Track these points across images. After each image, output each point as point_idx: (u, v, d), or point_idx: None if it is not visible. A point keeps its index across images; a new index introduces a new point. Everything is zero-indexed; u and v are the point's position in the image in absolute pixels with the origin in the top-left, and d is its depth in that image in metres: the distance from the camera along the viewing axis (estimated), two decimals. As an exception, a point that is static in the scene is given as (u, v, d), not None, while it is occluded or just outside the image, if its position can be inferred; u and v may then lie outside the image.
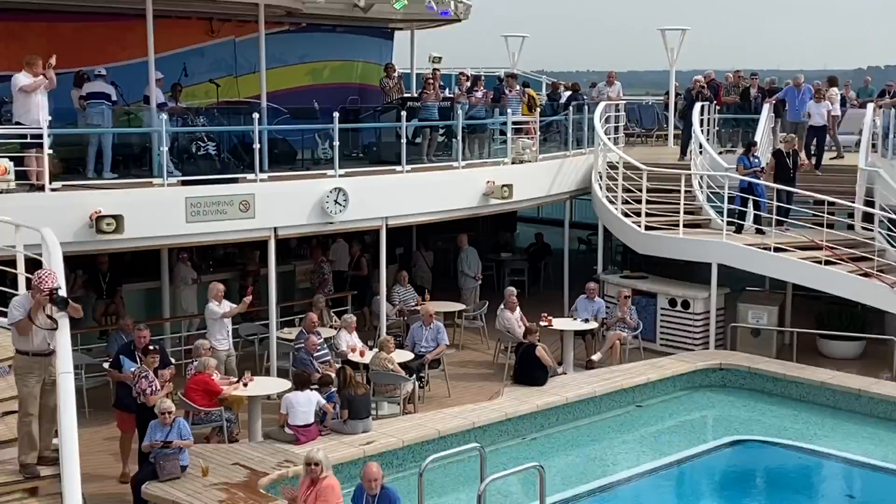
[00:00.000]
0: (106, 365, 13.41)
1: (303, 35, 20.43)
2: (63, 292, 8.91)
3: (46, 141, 12.13)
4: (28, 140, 12.30)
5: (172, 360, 12.43)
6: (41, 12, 16.38)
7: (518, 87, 19.78)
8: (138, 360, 11.80)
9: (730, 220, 16.93)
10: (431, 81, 17.95)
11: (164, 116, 13.40)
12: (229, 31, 19.01)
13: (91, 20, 16.98)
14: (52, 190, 12.38)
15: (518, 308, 16.25)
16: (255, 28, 16.53)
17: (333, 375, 13.02)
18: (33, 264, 10.18)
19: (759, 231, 17.17)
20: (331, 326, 15.73)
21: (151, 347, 11.62)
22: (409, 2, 16.70)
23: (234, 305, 13.98)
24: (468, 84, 19.44)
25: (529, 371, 14.40)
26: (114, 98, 14.23)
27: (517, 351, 14.78)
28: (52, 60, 12.29)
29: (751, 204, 17.18)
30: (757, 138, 18.90)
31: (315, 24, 20.39)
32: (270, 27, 18.55)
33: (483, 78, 19.91)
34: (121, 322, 14.23)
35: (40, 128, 12.17)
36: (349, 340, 14.68)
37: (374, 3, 18.70)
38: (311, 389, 12.31)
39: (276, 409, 12.56)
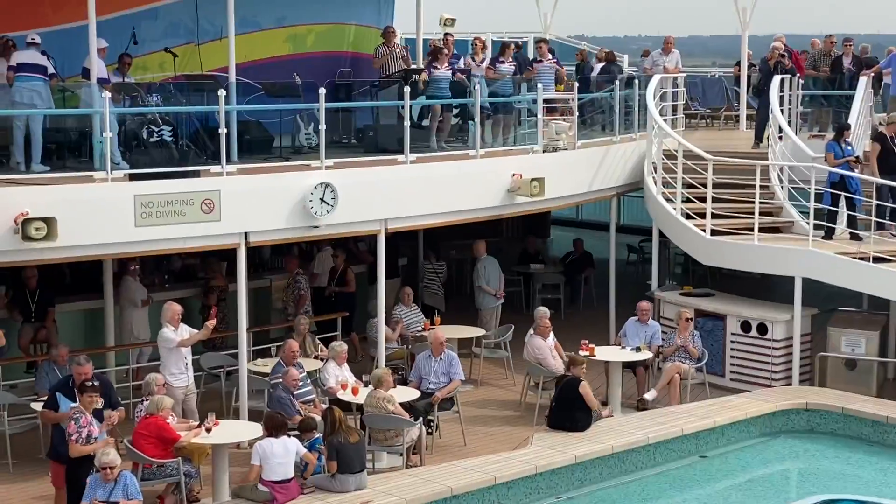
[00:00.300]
0: (37, 406, 13.45)
1: (281, -8, 20.50)
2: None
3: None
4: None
5: (120, 400, 12.48)
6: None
7: (550, 56, 19.82)
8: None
9: (818, 222, 16.88)
10: (443, 49, 17.99)
11: (108, 94, 13.45)
12: (190, -14, 19.06)
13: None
14: (-32, 186, 12.44)
15: (552, 334, 16.23)
16: (221, -17, 16.57)
17: (319, 418, 13.02)
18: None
19: (854, 237, 17.12)
20: (316, 357, 15.76)
21: (89, 383, 11.64)
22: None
23: (195, 331, 14.01)
24: (484, 53, 19.44)
25: (570, 412, 14.39)
26: (51, 71, 14.28)
27: (557, 384, 14.78)
28: None
29: (843, 202, 17.11)
30: (851, 120, 18.85)
31: (297, -23, 20.46)
32: (241, -18, 18.61)
33: (513, 45, 19.91)
34: (53, 352, 14.27)
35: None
36: (339, 375, 14.69)
37: (371, -49, 18.78)
38: (289, 436, 12.31)
39: (247, 460, 12.56)
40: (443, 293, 19.89)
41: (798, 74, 21.32)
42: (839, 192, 17.09)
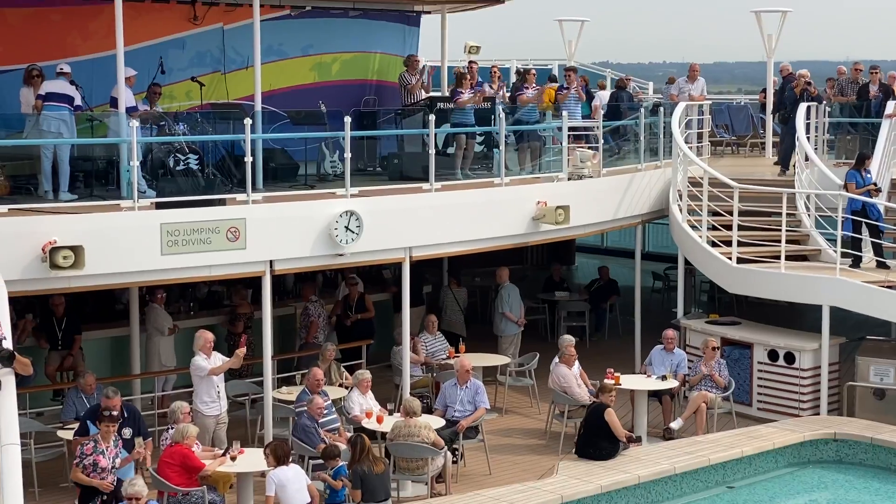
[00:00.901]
0: (63, 433, 13.49)
1: (307, 21, 20.63)
2: (8, 344, 8.98)
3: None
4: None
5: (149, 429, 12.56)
6: (-17, -4, 16.64)
7: (577, 83, 19.84)
8: None
9: (845, 250, 16.80)
10: (466, 75, 18.03)
11: (136, 123, 13.53)
12: (216, 17, 19.23)
13: (45, 4, 17.23)
14: (-4, 215, 12.51)
15: (577, 362, 16.19)
16: (247, 13, 16.70)
17: (343, 446, 12.99)
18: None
19: (881, 265, 17.02)
20: (340, 385, 15.74)
21: (107, 413, 11.73)
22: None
23: (226, 359, 14.03)
24: (501, 81, 19.49)
25: (595, 438, 14.32)
26: (78, 102, 14.37)
27: (587, 410, 14.71)
28: None
29: (866, 230, 17.04)
30: (878, 147, 18.77)
31: (322, 7, 20.60)
32: (266, 12, 18.78)
33: (535, 72, 19.97)
34: (80, 380, 14.31)
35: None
36: (363, 403, 14.66)
37: (396, -19, 18.87)
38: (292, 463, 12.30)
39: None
40: (462, 319, 19.85)
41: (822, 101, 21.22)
42: (861, 220, 17.01)
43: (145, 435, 12.46)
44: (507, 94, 19.48)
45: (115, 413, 11.97)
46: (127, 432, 12.51)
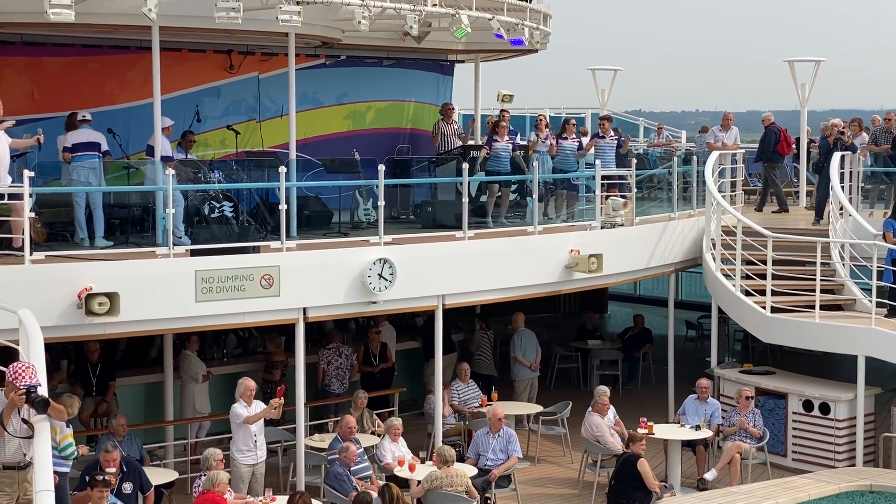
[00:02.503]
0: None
1: (341, 70, 20.79)
2: (43, 390, 9.01)
3: (28, 201, 12.38)
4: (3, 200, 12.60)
5: (152, 483, 12.44)
6: (23, 44, 16.88)
7: (613, 133, 19.88)
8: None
9: (881, 300, 16.68)
10: (501, 122, 18.10)
11: (171, 171, 13.65)
12: (251, 66, 19.41)
13: (84, 54, 17.45)
14: (33, 262, 12.60)
15: (612, 410, 16.10)
16: (282, 62, 16.87)
17: (375, 495, 12.95)
18: (6, 354, 10.31)
19: (917, 315, 16.89)
20: (372, 432, 15.71)
21: (100, 478, 10.99)
22: (472, 29, 16.91)
23: (264, 406, 14.04)
24: (548, 130, 19.52)
25: (627, 489, 14.20)
26: (104, 148, 14.50)
27: (619, 460, 14.61)
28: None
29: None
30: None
31: (356, 56, 20.76)
32: (302, 61, 18.94)
33: (573, 121, 20.02)
34: (112, 423, 14.36)
35: (18, 185, 12.46)
36: (395, 450, 14.63)
37: (430, 31, 19.00)
38: None
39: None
40: (492, 362, 19.80)
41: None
42: (900, 270, 16.90)
43: (146, 487, 12.24)
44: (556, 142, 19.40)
45: (108, 477, 11.31)
46: (128, 487, 12.18)
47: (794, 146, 22.91)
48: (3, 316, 10.95)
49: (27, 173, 12.42)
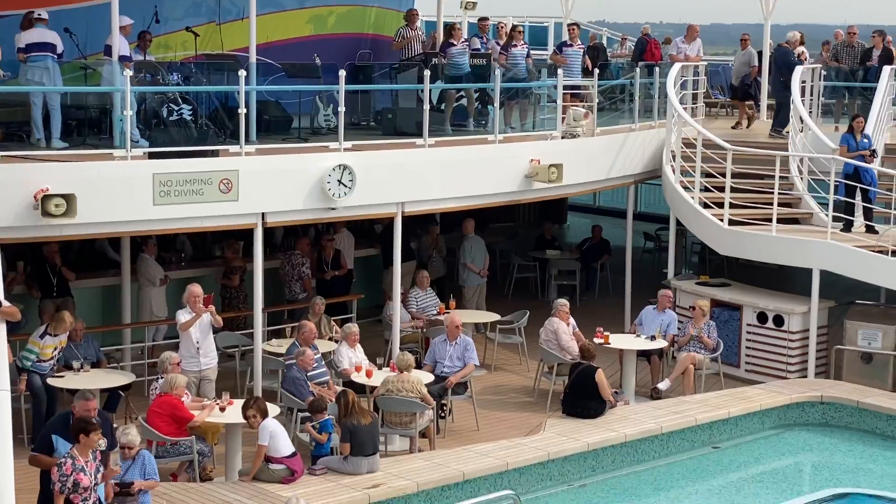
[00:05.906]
0: (54, 382, 13.51)
1: (303, -28, 20.48)
2: (-2, 291, 8.98)
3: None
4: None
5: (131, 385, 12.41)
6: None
7: (580, 42, 19.74)
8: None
9: (837, 214, 16.82)
10: (455, 24, 17.94)
11: (129, 72, 13.46)
12: (212, -35, 19.07)
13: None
14: (-13, 162, 12.46)
15: (572, 319, 16.21)
16: (244, -37, 16.57)
17: (330, 400, 13.05)
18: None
19: (870, 229, 17.06)
20: (330, 338, 15.78)
21: (95, 420, 10.29)
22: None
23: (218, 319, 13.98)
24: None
25: (584, 399, 14.39)
26: (60, 49, 14.24)
27: (571, 373, 14.77)
28: None
29: (859, 195, 17.07)
30: (873, 112, 18.75)
31: (319, -42, 20.45)
32: (263, -38, 18.60)
33: (521, 28, 19.85)
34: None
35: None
36: (352, 357, 14.71)
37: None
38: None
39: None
40: (443, 266, 19.84)
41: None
42: (854, 184, 17.03)
43: (114, 445, 11.04)
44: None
45: (97, 420, 10.46)
46: (103, 443, 10.56)
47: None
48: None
49: None
